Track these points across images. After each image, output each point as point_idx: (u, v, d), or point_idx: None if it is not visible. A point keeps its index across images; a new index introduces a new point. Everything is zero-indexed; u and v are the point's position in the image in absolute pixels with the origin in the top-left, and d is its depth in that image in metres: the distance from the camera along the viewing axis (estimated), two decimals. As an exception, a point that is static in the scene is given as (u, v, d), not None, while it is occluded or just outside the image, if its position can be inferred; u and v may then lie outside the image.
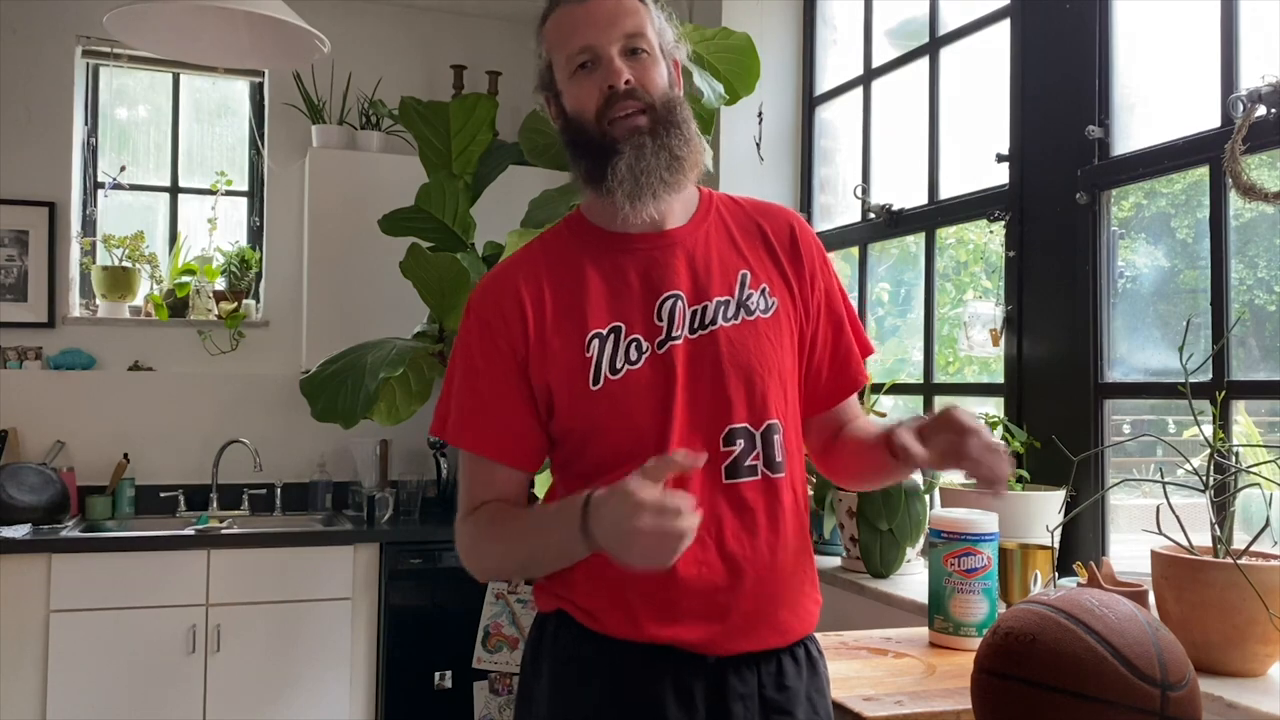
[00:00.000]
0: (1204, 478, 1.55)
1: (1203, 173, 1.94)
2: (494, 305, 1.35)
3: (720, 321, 1.33)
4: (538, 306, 1.34)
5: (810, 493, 2.69)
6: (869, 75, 3.05)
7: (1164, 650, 1.13)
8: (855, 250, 3.06)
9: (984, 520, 1.79)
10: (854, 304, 1.56)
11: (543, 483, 1.97)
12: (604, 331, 1.32)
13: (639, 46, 1.31)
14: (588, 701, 1.30)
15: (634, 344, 1.32)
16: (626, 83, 1.29)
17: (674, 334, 1.32)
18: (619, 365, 1.31)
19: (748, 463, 1.30)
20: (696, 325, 1.33)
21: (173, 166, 4.05)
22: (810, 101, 3.34)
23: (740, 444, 1.31)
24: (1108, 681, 1.10)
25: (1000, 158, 2.39)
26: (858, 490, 2.26)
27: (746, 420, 1.31)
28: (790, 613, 1.33)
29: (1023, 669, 1.14)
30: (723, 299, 1.34)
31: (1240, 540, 1.56)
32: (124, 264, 3.83)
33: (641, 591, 1.27)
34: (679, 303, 1.33)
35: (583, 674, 1.31)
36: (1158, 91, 2.13)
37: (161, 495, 3.76)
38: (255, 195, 4.13)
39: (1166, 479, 1.57)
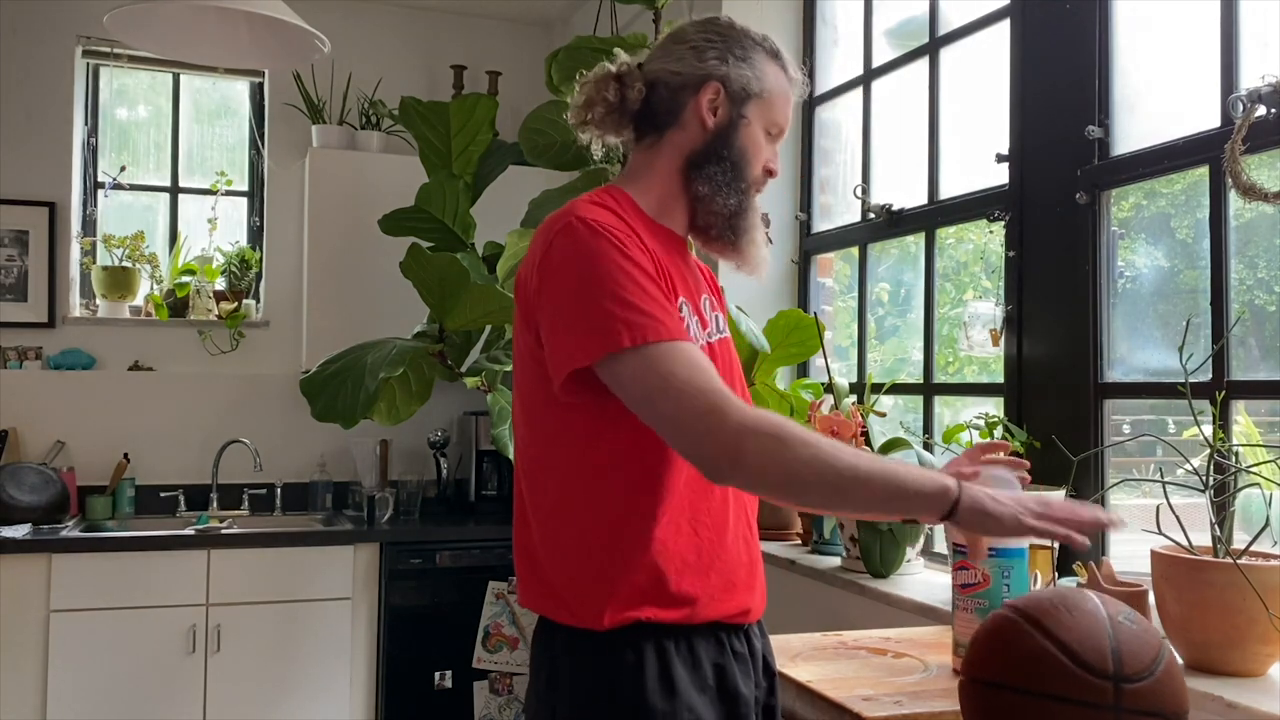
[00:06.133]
0: (1204, 478, 1.55)
1: (1203, 173, 1.93)
2: (627, 234, 1.31)
3: (721, 332, 1.48)
4: (651, 251, 1.34)
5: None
6: (869, 75, 3.05)
7: (1121, 644, 1.14)
8: (855, 250, 3.06)
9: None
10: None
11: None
12: (683, 301, 1.38)
13: None
14: (697, 685, 1.33)
15: (698, 323, 1.40)
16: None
17: (715, 331, 1.45)
18: (699, 339, 1.38)
19: None
20: (715, 330, 1.46)
21: (173, 166, 4.06)
22: (810, 101, 3.34)
23: None
24: (1056, 677, 1.13)
25: (1000, 158, 2.39)
26: None
27: None
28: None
29: (983, 670, 1.20)
30: (717, 313, 1.50)
31: (1240, 540, 1.56)
32: (124, 264, 3.83)
33: (717, 570, 1.36)
34: (709, 302, 1.48)
35: (696, 663, 1.34)
36: (1158, 92, 2.13)
37: (161, 495, 3.76)
38: (255, 195, 4.13)
39: (1166, 479, 1.57)
